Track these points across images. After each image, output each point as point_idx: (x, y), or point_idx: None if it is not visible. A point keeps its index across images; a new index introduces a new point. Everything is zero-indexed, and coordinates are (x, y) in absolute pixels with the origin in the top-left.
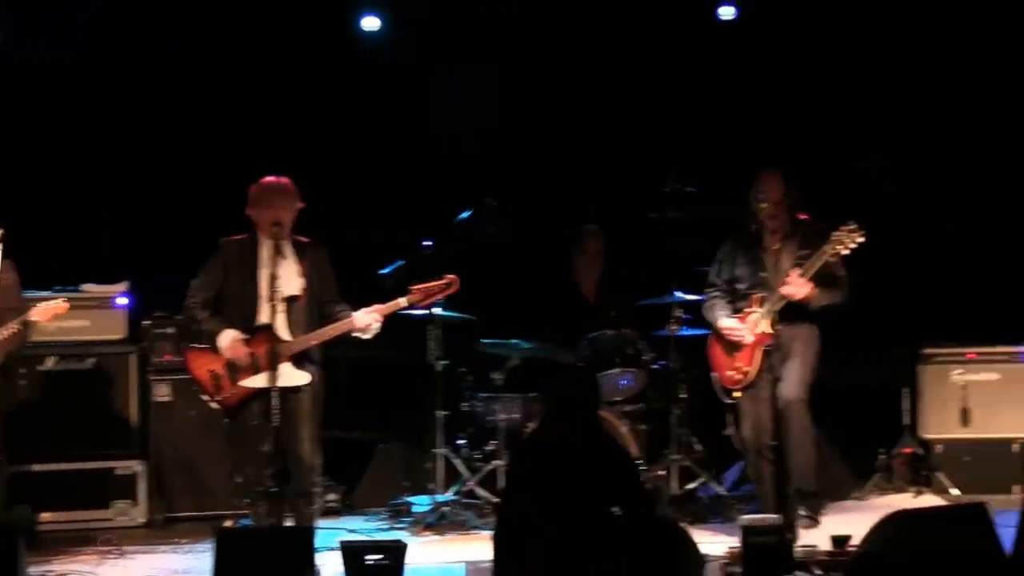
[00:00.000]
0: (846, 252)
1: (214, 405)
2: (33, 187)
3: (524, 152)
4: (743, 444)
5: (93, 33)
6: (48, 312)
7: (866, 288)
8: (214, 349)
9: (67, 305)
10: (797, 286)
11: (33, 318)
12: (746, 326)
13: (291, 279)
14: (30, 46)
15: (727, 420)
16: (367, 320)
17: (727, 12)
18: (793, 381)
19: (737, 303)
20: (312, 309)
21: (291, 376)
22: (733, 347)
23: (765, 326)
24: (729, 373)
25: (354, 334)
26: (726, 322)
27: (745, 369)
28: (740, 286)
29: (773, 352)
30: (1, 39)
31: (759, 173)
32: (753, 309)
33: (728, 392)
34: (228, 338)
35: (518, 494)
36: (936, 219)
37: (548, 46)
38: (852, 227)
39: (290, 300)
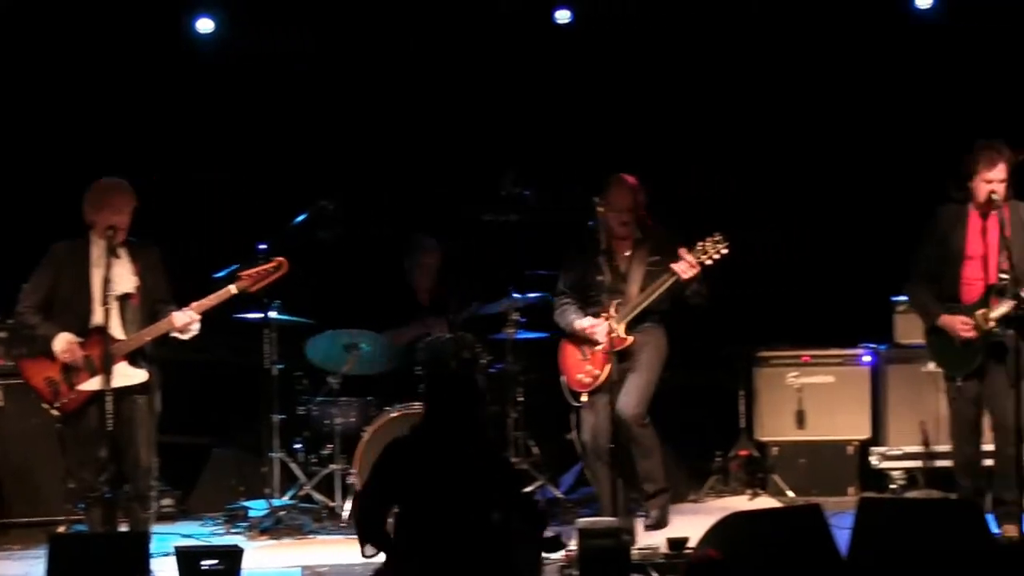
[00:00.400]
0: (710, 263)
1: (54, 412)
2: None
3: (360, 155)
4: (583, 447)
5: None
6: None
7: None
8: (48, 355)
9: None
10: (688, 266)
11: None
12: (603, 329)
13: (124, 278)
14: None
15: (572, 423)
16: (184, 319)
17: (563, 15)
18: (633, 399)
19: (589, 309)
20: (146, 308)
21: (126, 375)
22: (586, 351)
23: (620, 331)
24: (579, 376)
25: (172, 334)
26: (584, 322)
27: (596, 372)
28: (592, 293)
29: (623, 360)
30: None
31: (609, 179)
32: (608, 315)
33: (576, 395)
34: (63, 341)
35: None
36: (771, 222)
37: (389, 52)
38: (717, 238)
39: (123, 299)
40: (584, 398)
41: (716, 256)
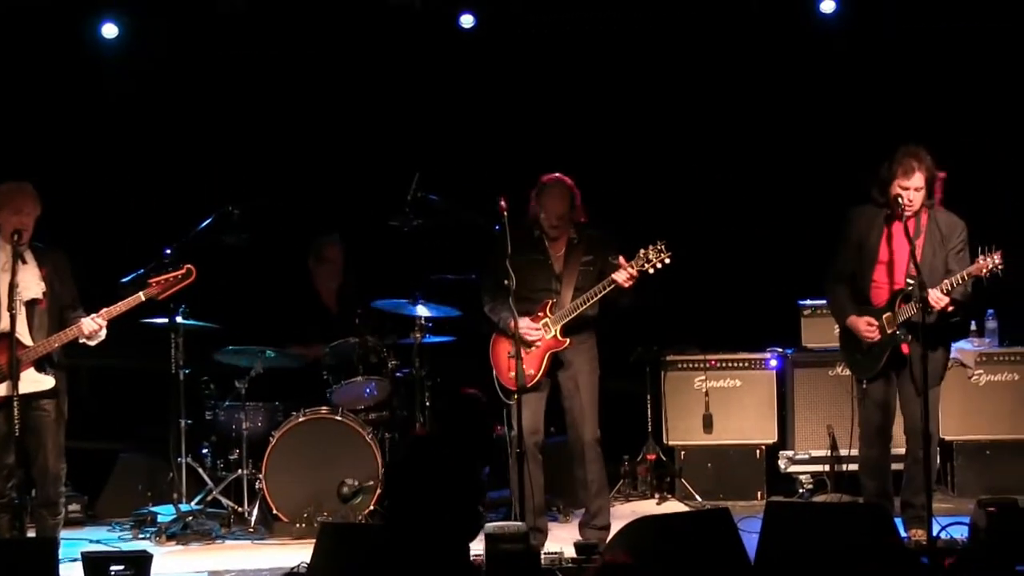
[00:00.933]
0: (652, 271)
1: None
2: None
3: (267, 160)
4: (514, 442)
5: None
6: None
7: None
8: None
9: None
10: (628, 276)
11: None
12: (537, 329)
13: (31, 284)
14: None
15: (504, 419)
16: (92, 326)
17: (467, 20)
18: (591, 424)
19: (521, 304)
20: (53, 314)
21: (34, 381)
22: (521, 345)
23: (556, 332)
24: (512, 375)
25: (81, 340)
26: (523, 322)
27: (531, 372)
28: (525, 291)
29: (559, 362)
30: None
31: (543, 180)
32: (543, 314)
33: (509, 393)
34: None
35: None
36: (679, 227)
37: (294, 57)
38: (660, 247)
39: (30, 305)
40: (515, 396)
41: (659, 265)
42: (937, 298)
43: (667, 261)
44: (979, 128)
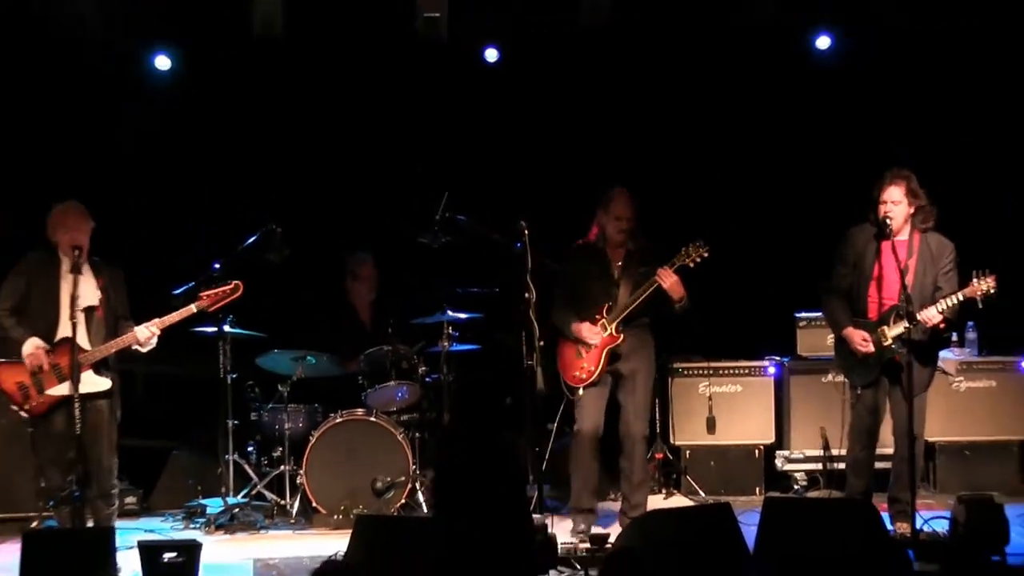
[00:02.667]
0: (692, 265)
1: (23, 414)
2: None
3: (306, 183)
4: (579, 436)
5: None
6: None
7: None
8: (18, 359)
9: None
10: (667, 276)
11: None
12: (595, 330)
13: (89, 293)
14: None
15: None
16: (146, 333)
17: (491, 54)
18: (641, 421)
19: (585, 311)
20: (108, 322)
21: (92, 383)
22: (581, 349)
23: (612, 330)
24: (576, 373)
25: (134, 347)
26: (581, 326)
27: (591, 368)
28: (588, 298)
29: (616, 357)
30: None
31: (611, 191)
32: (600, 316)
33: (573, 390)
34: (31, 346)
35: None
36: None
37: (335, 90)
38: (699, 243)
39: (88, 312)
40: (580, 392)
41: (698, 259)
42: (930, 316)
43: (705, 255)
44: (964, 149)
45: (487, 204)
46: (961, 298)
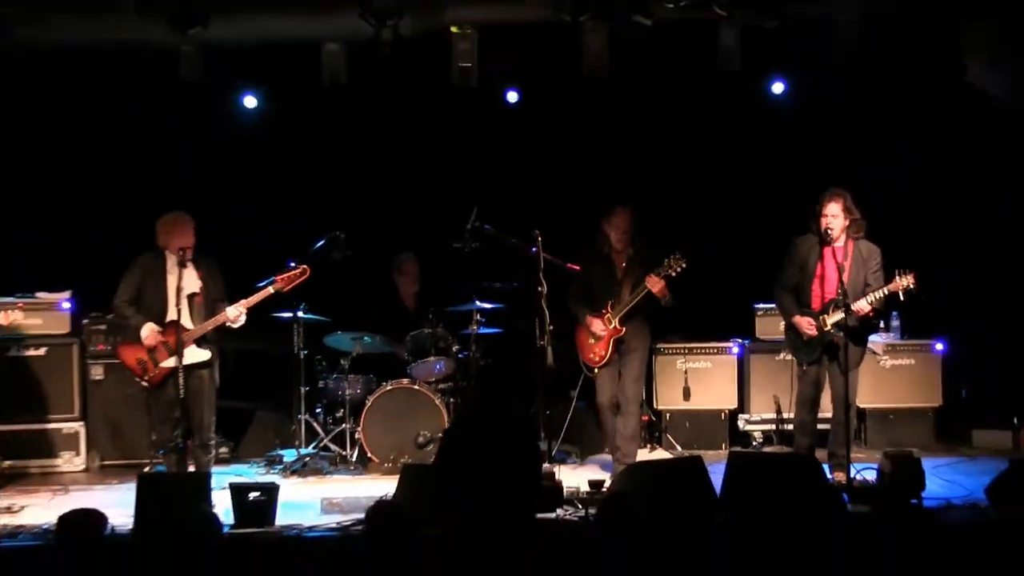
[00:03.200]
0: (673, 275)
1: (144, 384)
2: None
3: (364, 199)
4: (599, 405)
5: None
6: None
7: None
8: (137, 340)
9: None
10: (655, 283)
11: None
12: (602, 324)
13: (191, 283)
14: None
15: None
16: (235, 312)
17: (512, 96)
18: (634, 385)
19: (595, 305)
20: (207, 305)
21: (194, 355)
22: (593, 337)
23: (615, 324)
24: (591, 356)
25: (227, 324)
26: (592, 320)
27: (602, 354)
28: (597, 294)
29: (620, 343)
30: None
31: (613, 207)
32: (606, 311)
33: (590, 369)
34: (148, 329)
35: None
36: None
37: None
38: (677, 256)
39: (190, 298)
40: (596, 371)
41: (678, 269)
42: (861, 307)
43: (683, 266)
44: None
45: (508, 216)
46: (886, 292)
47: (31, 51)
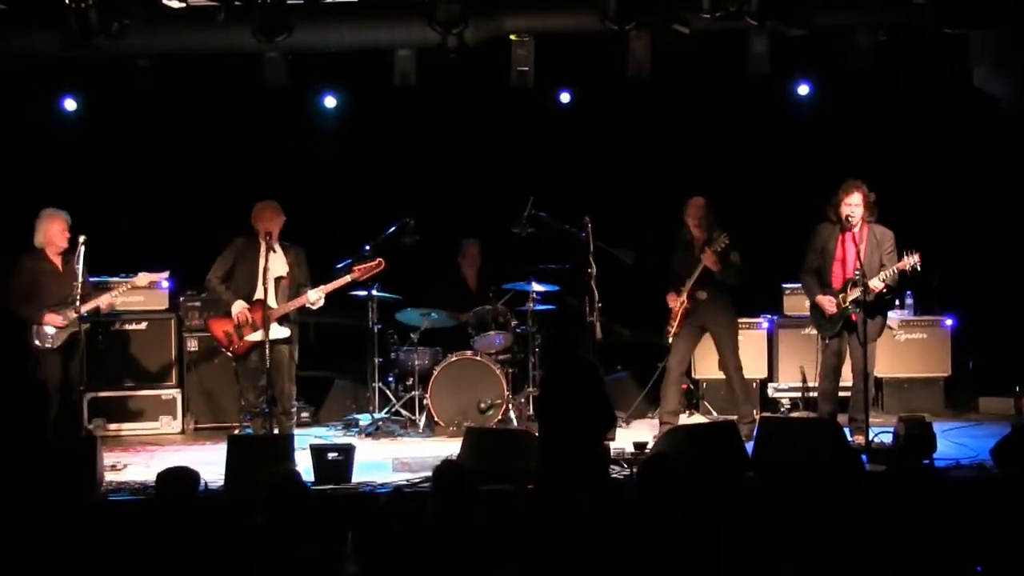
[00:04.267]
0: (720, 249)
1: (229, 354)
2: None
3: (434, 189)
4: (668, 369)
5: None
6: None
7: None
8: (227, 315)
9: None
10: (707, 257)
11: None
12: (675, 298)
13: (279, 267)
14: None
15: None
16: (315, 296)
17: (565, 97)
18: (731, 356)
19: (677, 286)
20: (292, 288)
21: (277, 332)
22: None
23: (683, 298)
24: (668, 328)
25: (308, 305)
26: (668, 295)
27: (673, 325)
28: (680, 274)
29: (688, 316)
30: None
31: (689, 200)
32: (683, 287)
33: (666, 338)
34: (238, 306)
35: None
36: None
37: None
38: (723, 232)
39: (277, 281)
40: (671, 340)
41: (723, 244)
42: (876, 285)
43: (727, 242)
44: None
45: (560, 204)
46: (896, 270)
47: (139, 56)
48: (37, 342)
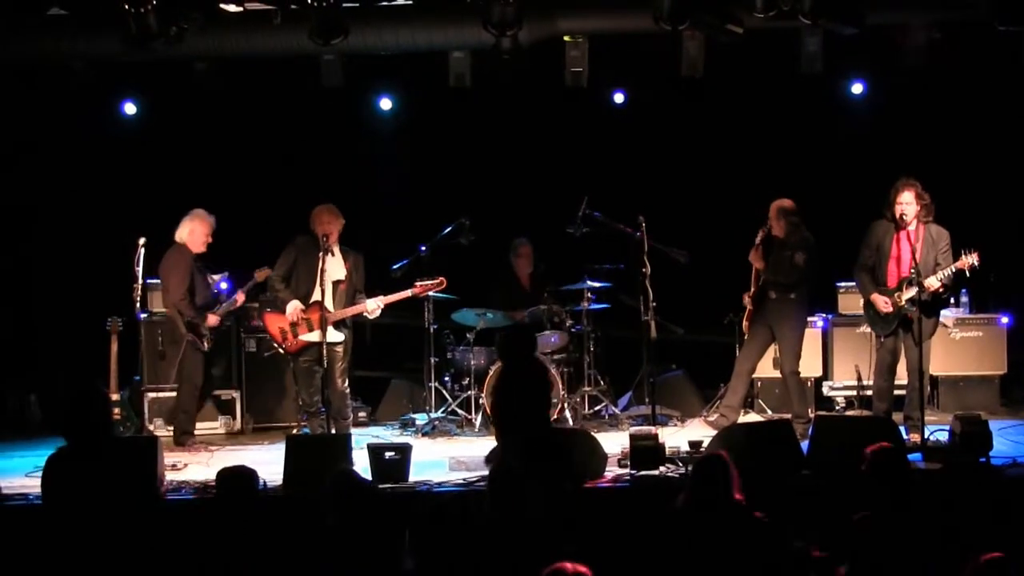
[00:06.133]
0: (758, 241)
1: (281, 350)
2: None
3: (489, 191)
4: (737, 363)
5: None
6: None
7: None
8: (282, 312)
9: None
10: (754, 257)
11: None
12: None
13: (337, 270)
14: None
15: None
16: (373, 306)
17: (619, 97)
18: (788, 359)
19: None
20: (349, 293)
21: (332, 335)
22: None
23: (748, 302)
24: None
25: (364, 314)
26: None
27: (745, 324)
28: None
29: (753, 317)
30: None
31: (771, 204)
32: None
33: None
34: (293, 306)
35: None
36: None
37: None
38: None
39: (335, 284)
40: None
41: (759, 238)
42: (931, 284)
43: (763, 234)
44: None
45: (614, 204)
46: (954, 270)
47: (197, 59)
48: (197, 341)
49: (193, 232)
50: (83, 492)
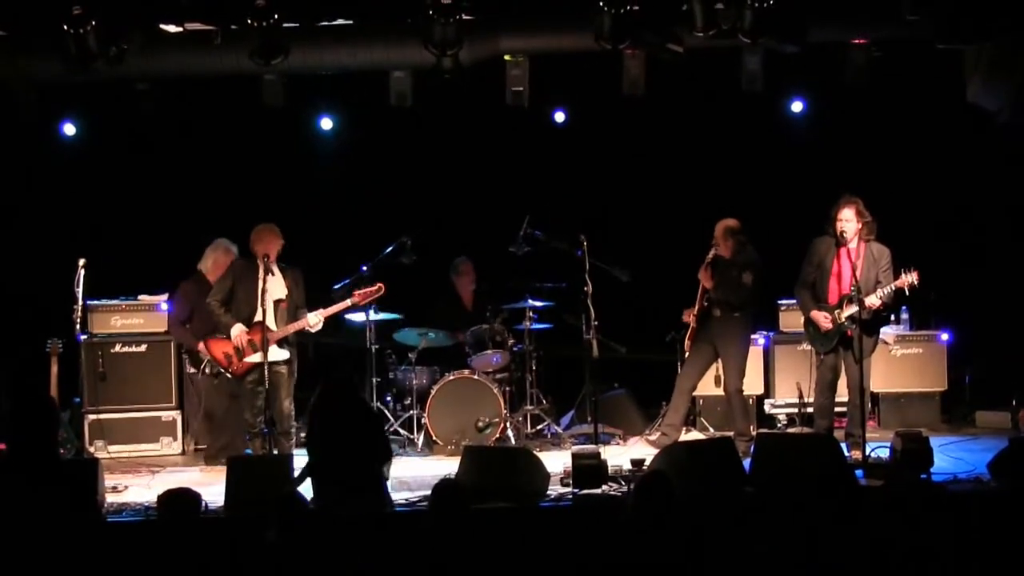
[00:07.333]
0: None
1: (228, 375)
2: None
3: (428, 209)
4: (677, 381)
5: None
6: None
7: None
8: (226, 337)
9: None
10: (703, 276)
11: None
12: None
13: (278, 289)
14: None
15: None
16: (315, 319)
17: (559, 116)
18: (731, 377)
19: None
20: (291, 310)
21: (276, 354)
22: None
23: (691, 315)
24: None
25: (306, 329)
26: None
27: (688, 343)
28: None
29: (695, 333)
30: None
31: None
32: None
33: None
34: (237, 329)
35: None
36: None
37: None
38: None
39: (276, 304)
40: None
41: (708, 257)
42: (872, 302)
43: (710, 256)
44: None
45: (558, 222)
46: (894, 288)
47: (138, 80)
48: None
49: (216, 263)
50: (20, 508)
